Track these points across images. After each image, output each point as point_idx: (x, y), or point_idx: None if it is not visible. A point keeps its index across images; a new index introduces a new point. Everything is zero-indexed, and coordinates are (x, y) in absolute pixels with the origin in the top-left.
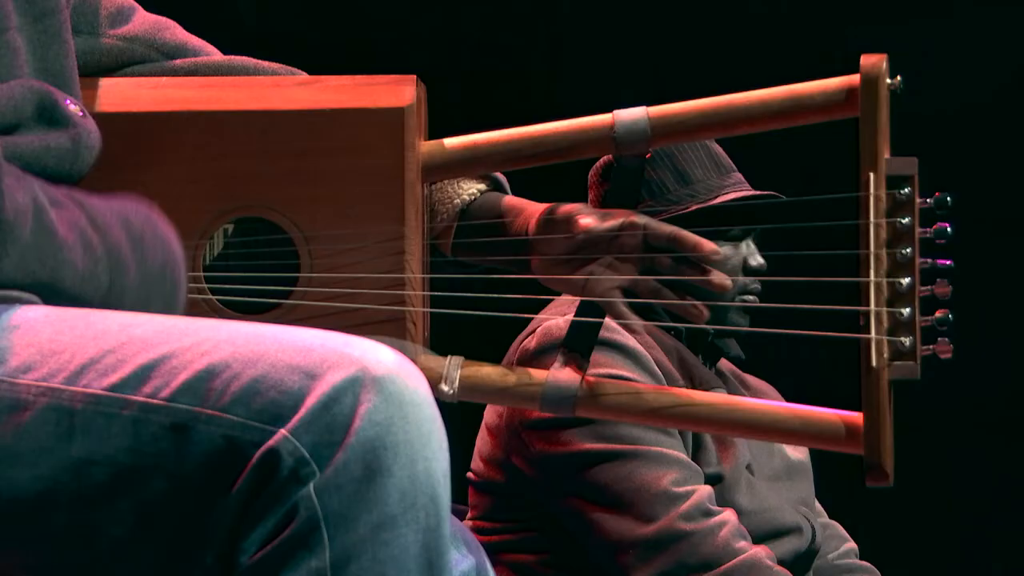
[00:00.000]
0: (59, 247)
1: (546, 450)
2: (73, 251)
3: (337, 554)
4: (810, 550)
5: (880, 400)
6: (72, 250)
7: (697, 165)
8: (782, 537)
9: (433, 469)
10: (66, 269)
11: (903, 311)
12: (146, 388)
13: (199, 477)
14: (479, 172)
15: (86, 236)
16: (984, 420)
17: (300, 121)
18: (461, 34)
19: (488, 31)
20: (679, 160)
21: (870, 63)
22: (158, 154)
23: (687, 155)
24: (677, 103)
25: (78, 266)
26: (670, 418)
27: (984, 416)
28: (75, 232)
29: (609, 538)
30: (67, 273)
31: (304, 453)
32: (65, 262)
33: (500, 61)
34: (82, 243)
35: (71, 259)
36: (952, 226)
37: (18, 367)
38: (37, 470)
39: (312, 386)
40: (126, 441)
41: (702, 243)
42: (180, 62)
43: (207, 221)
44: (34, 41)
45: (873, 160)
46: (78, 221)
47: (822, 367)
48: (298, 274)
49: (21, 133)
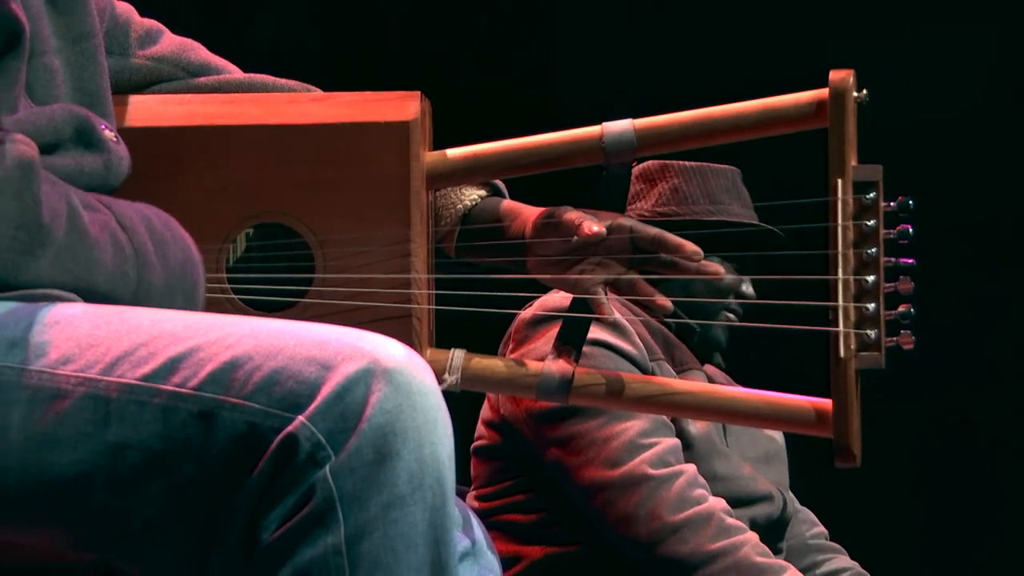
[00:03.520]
0: (91, 247)
1: (531, 407)
2: (104, 250)
3: (351, 531)
4: (782, 518)
5: (848, 388)
6: (103, 249)
7: (724, 189)
8: (756, 504)
9: (439, 453)
10: (98, 267)
11: (869, 306)
12: (175, 378)
13: (224, 460)
14: (479, 180)
15: (116, 236)
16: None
17: (314, 134)
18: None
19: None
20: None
21: (838, 78)
22: (184, 165)
23: (719, 181)
24: (660, 115)
25: (109, 264)
26: (656, 405)
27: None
28: (106, 233)
29: (582, 483)
30: (99, 271)
31: (320, 438)
32: (97, 261)
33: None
34: (112, 243)
35: (102, 258)
36: (914, 228)
37: (58, 359)
38: (76, 454)
39: (327, 377)
40: (157, 427)
41: (684, 244)
42: (204, 80)
43: (230, 226)
44: (71, 62)
45: (841, 167)
46: (108, 223)
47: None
48: (313, 275)
49: (59, 154)
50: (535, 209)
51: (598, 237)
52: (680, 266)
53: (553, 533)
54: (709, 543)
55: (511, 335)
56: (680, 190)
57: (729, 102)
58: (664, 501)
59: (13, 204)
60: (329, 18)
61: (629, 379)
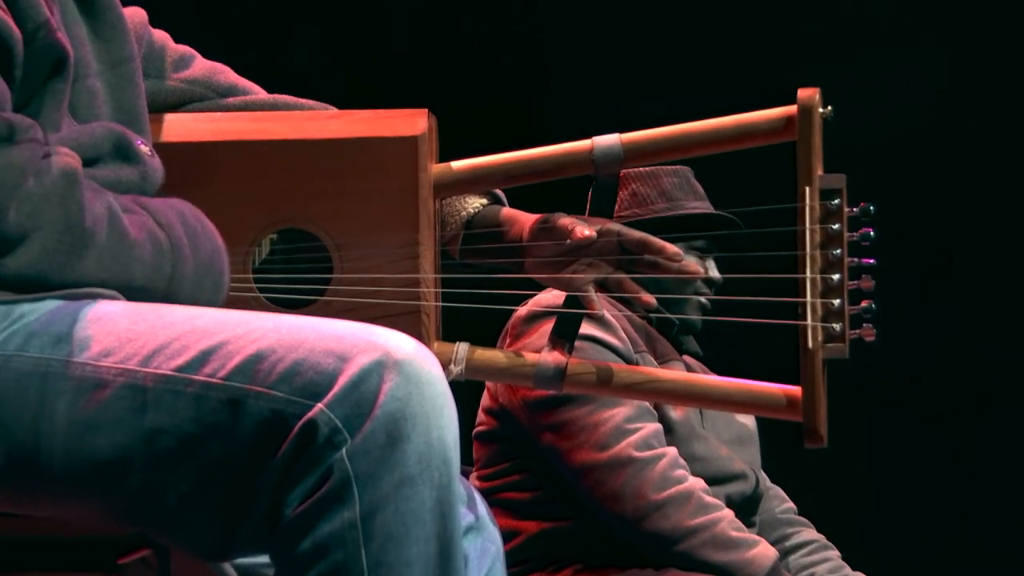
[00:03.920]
0: (130, 246)
1: (526, 396)
2: (143, 248)
3: (366, 507)
4: (754, 495)
5: (815, 376)
6: (142, 248)
7: (677, 187)
8: (731, 482)
9: (445, 437)
10: (136, 265)
11: (834, 302)
12: (206, 369)
13: (250, 444)
14: (481, 189)
15: (154, 234)
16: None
17: (332, 148)
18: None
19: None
20: (663, 183)
21: (805, 95)
22: (214, 176)
23: (672, 179)
24: (645, 130)
25: (147, 261)
26: (641, 393)
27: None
28: (144, 232)
29: (574, 464)
30: (137, 268)
31: (338, 423)
32: (135, 259)
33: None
34: (150, 241)
35: (141, 256)
36: (875, 231)
37: (100, 352)
38: (116, 438)
39: (344, 367)
40: (190, 414)
41: (666, 246)
42: (232, 100)
43: (255, 231)
44: (111, 84)
45: (808, 176)
46: (146, 223)
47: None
48: (331, 275)
49: (99, 167)
50: (531, 215)
51: (589, 240)
52: (662, 266)
53: (548, 510)
54: (689, 519)
55: (508, 331)
56: (638, 193)
57: (707, 118)
58: (648, 481)
59: (59, 210)
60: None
61: (617, 369)
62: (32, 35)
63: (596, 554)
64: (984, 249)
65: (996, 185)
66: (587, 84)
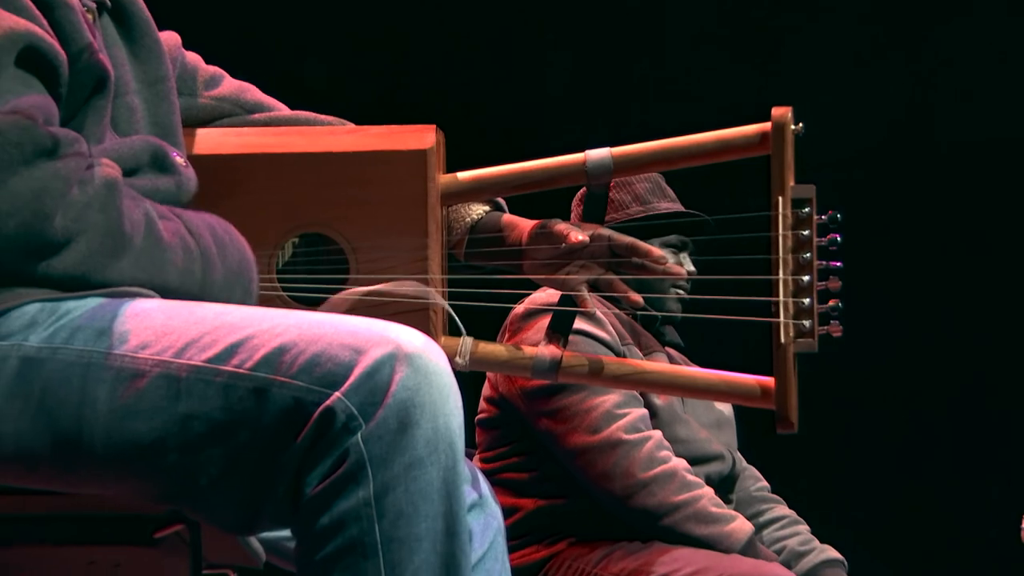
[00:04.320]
0: (165, 250)
1: (524, 386)
2: (175, 253)
3: (379, 487)
4: (731, 474)
5: (787, 368)
6: (175, 252)
7: (649, 191)
8: (710, 462)
9: (451, 423)
10: (170, 267)
11: (804, 301)
12: (234, 361)
13: (274, 429)
14: (484, 197)
15: (185, 241)
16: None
17: (348, 160)
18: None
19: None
20: (636, 188)
21: (779, 113)
22: (242, 185)
23: (644, 185)
24: (633, 144)
25: (179, 264)
26: (629, 382)
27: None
28: (177, 238)
29: (568, 447)
30: (171, 270)
31: (353, 410)
32: (169, 262)
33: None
34: (182, 246)
35: (174, 259)
36: (841, 236)
37: (137, 345)
38: (152, 423)
39: (359, 360)
40: (219, 401)
41: (652, 250)
42: (258, 116)
43: (279, 236)
44: (149, 101)
45: (781, 187)
46: (178, 230)
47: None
48: (347, 275)
49: (138, 176)
50: (529, 221)
51: (582, 244)
52: (648, 268)
53: (544, 488)
54: (673, 496)
55: (507, 326)
56: (614, 200)
57: (689, 134)
58: (636, 461)
59: (100, 216)
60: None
61: (606, 361)
62: (76, 57)
63: (588, 528)
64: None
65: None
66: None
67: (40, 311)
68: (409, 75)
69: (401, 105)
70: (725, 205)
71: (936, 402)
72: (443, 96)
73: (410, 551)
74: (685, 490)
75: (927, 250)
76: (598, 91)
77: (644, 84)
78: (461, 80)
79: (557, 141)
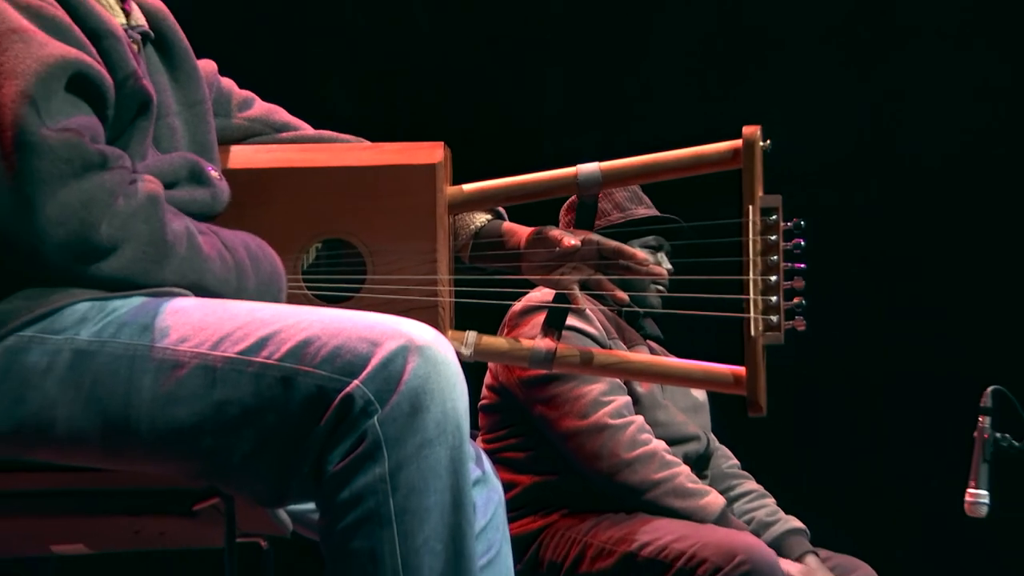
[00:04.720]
0: (204, 260)
1: (521, 375)
2: (214, 263)
3: (393, 464)
4: (706, 453)
5: (757, 358)
6: (213, 263)
7: (627, 199)
8: (687, 443)
9: (458, 407)
10: (208, 276)
11: (772, 298)
12: (264, 352)
13: (299, 413)
14: (487, 207)
15: (222, 254)
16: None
17: (366, 174)
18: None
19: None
20: (616, 197)
21: (749, 131)
22: (271, 196)
23: (623, 194)
24: (620, 159)
25: (217, 274)
26: (615, 371)
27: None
28: (215, 251)
29: (560, 430)
30: (209, 279)
31: (370, 396)
32: (208, 271)
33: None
34: (219, 258)
35: (212, 269)
36: (805, 241)
37: (178, 339)
38: (191, 408)
39: (376, 351)
40: (251, 389)
41: (636, 253)
42: (285, 135)
43: (304, 241)
44: (188, 122)
45: (751, 196)
46: (216, 244)
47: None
48: (365, 276)
49: (177, 189)
50: (527, 228)
51: (574, 249)
52: (633, 269)
53: (539, 466)
54: (654, 473)
55: (506, 322)
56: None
57: (670, 149)
58: (620, 443)
59: (144, 226)
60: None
61: (596, 353)
62: (122, 83)
63: (579, 502)
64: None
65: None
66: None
67: (90, 309)
68: (420, 98)
69: (413, 125)
70: (702, 213)
71: (889, 390)
72: (450, 116)
73: (421, 521)
74: (664, 468)
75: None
76: (588, 111)
77: (628, 104)
78: (467, 102)
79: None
